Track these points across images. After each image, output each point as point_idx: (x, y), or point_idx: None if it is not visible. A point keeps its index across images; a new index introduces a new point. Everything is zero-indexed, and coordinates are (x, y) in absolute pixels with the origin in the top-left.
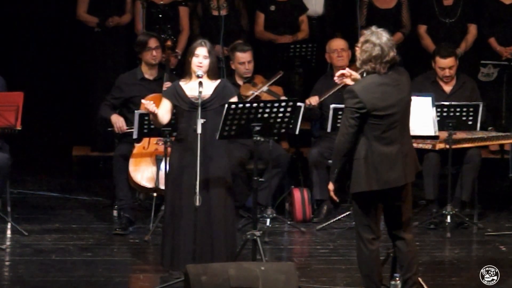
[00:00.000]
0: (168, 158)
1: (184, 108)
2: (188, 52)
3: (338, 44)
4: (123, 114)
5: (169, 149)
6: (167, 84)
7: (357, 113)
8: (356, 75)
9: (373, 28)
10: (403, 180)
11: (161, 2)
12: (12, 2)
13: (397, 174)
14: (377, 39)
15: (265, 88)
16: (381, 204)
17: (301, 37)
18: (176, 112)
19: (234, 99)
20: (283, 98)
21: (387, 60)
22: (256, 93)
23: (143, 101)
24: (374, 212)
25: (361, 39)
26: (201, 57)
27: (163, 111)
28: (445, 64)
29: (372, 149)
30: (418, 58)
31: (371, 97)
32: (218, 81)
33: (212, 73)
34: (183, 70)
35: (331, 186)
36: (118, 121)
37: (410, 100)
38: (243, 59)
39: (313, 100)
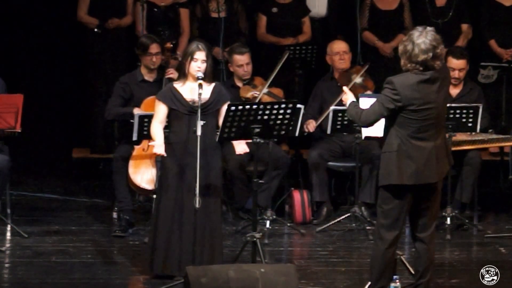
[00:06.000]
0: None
1: (182, 111)
2: (185, 55)
3: (340, 46)
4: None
5: None
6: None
7: (392, 104)
8: (350, 95)
9: (421, 27)
10: (435, 177)
11: (162, 3)
12: (12, 4)
13: (429, 171)
14: (417, 38)
15: (265, 90)
16: (408, 205)
17: (303, 39)
18: (171, 115)
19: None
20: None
21: (417, 61)
22: (256, 95)
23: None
24: (399, 210)
25: (409, 32)
26: (199, 62)
27: (162, 116)
28: (457, 65)
29: (405, 143)
30: None
31: (408, 92)
32: (213, 84)
33: (209, 77)
34: (179, 72)
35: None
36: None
37: (447, 97)
38: (241, 61)
39: (311, 127)
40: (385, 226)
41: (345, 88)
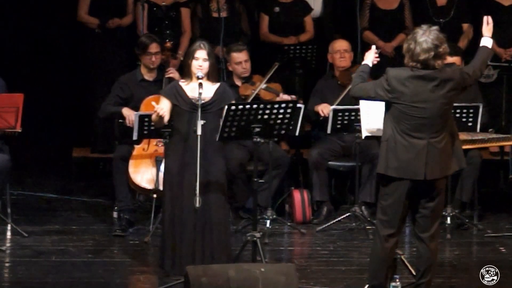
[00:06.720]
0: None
1: (184, 108)
2: (188, 55)
3: (341, 45)
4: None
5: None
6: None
7: (382, 91)
8: (368, 58)
9: (426, 26)
10: (421, 175)
11: (163, 3)
12: (12, 3)
13: (416, 168)
14: (420, 37)
15: (263, 85)
16: (405, 203)
17: (306, 38)
18: (174, 113)
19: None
20: (282, 94)
21: (418, 59)
22: (255, 92)
23: (156, 106)
24: (396, 207)
25: (414, 30)
26: (200, 60)
27: None
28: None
29: (396, 136)
30: None
31: (397, 85)
32: (218, 84)
33: (212, 76)
34: (183, 71)
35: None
36: (130, 114)
37: (450, 98)
38: (239, 58)
39: (326, 111)
40: (383, 222)
41: (373, 47)
